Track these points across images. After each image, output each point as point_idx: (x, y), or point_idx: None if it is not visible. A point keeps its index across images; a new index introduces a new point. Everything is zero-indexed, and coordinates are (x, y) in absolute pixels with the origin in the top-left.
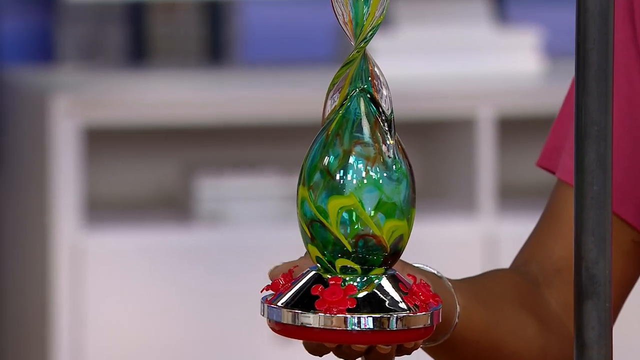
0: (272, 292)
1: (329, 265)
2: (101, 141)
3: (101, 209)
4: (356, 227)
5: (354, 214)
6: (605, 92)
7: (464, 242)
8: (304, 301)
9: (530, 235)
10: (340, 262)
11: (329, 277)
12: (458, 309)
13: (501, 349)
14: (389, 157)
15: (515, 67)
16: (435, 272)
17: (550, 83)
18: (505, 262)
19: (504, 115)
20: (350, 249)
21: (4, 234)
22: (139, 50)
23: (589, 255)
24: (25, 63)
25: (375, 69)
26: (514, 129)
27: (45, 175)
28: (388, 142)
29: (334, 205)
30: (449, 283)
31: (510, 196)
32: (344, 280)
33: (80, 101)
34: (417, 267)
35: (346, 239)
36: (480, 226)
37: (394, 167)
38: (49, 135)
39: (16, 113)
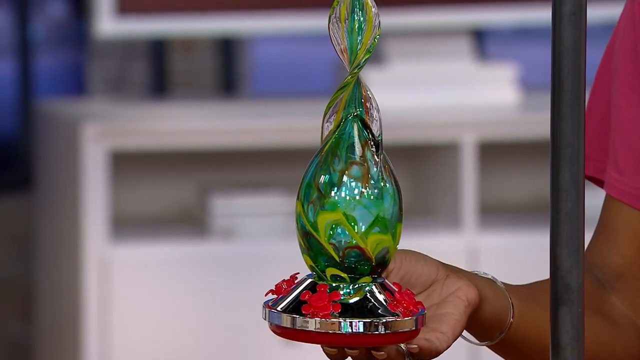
0: (274, 296)
1: (322, 274)
2: (126, 164)
3: (126, 225)
4: (343, 239)
5: (340, 227)
6: (577, 117)
7: (450, 254)
8: (296, 306)
9: (588, 246)
10: (330, 271)
11: (319, 284)
12: (512, 309)
13: None
14: (374, 176)
15: (494, 98)
16: (491, 277)
17: (525, 112)
18: (486, 270)
19: (485, 141)
20: (338, 260)
21: (39, 247)
22: (160, 83)
23: (563, 265)
24: (59, 95)
25: (368, 93)
26: (493, 153)
27: (77, 195)
28: (375, 163)
29: (322, 219)
30: (502, 285)
31: (491, 213)
32: (331, 287)
33: (107, 129)
34: (473, 273)
35: (334, 251)
36: (464, 239)
37: (379, 185)
38: (80, 159)
39: (51, 139)
